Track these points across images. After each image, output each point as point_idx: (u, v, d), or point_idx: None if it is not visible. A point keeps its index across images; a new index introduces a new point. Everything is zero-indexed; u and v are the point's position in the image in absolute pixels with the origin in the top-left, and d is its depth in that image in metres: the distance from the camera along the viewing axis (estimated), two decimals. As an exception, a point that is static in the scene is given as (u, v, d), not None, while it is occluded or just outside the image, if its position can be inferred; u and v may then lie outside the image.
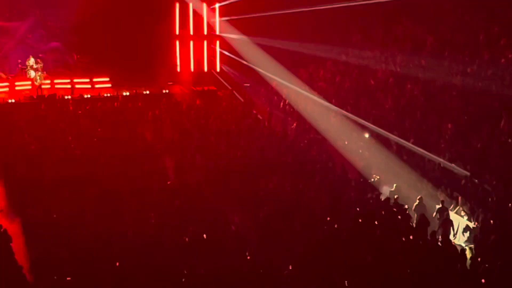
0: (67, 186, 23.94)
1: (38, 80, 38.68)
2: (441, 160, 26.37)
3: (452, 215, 24.16)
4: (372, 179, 26.72)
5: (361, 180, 26.43)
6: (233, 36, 41.13)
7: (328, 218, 22.13)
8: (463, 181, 24.94)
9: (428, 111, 29.97)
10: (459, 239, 23.75)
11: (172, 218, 21.84)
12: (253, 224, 22.33)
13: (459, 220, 24.12)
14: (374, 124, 30.35)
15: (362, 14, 37.95)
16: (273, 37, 38.47)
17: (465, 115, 28.67)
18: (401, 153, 28.00)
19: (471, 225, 23.65)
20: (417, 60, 33.48)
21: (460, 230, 23.88)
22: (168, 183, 25.01)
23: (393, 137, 28.99)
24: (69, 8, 39.92)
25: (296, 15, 38.06)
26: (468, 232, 23.53)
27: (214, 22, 42.00)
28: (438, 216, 24.03)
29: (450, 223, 23.75)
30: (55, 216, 21.78)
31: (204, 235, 20.57)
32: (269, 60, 38.41)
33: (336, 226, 21.70)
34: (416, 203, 24.64)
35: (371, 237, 20.94)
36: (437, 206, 24.41)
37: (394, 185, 25.99)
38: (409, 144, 27.96)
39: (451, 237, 23.43)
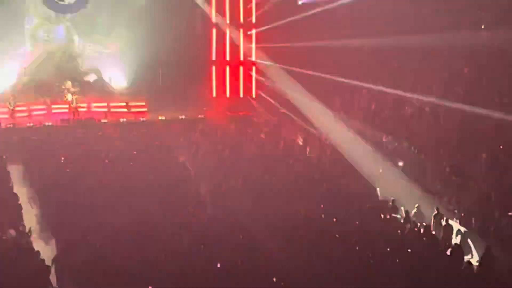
0: (102, 210, 24.05)
1: (75, 103, 39.03)
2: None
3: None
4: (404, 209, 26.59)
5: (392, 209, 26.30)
6: (269, 62, 41.26)
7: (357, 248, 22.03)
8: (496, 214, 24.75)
9: (463, 140, 29.78)
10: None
11: (205, 243, 21.82)
12: (286, 250, 22.23)
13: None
14: (408, 152, 30.24)
15: (400, 43, 37.88)
16: (308, 65, 38.49)
17: (500, 144, 28.45)
18: (435, 181, 27.88)
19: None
20: (453, 89, 33.32)
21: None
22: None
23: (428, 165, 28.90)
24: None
25: (335, 44, 38.07)
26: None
27: (251, 48, 42.19)
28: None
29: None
30: (89, 239, 21.87)
31: (239, 261, 20.54)
32: (304, 87, 38.43)
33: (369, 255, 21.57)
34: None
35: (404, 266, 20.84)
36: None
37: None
38: (443, 172, 27.85)
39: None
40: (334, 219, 24.39)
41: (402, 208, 26.72)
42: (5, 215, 23.66)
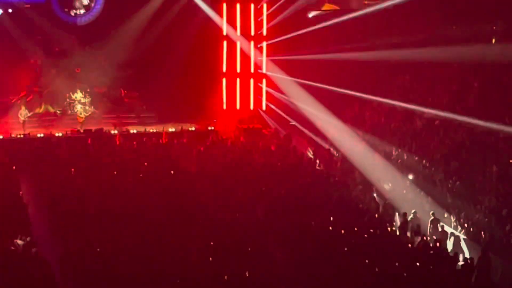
0: (111, 221, 24.09)
1: (83, 114, 39.21)
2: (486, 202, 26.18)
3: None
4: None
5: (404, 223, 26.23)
6: (280, 75, 41.31)
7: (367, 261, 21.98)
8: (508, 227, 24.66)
9: (473, 153, 29.69)
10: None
11: (214, 254, 21.82)
12: (295, 262, 22.21)
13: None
14: (418, 165, 30.19)
15: (410, 56, 37.83)
16: (319, 77, 38.52)
17: (510, 158, 28.35)
18: (446, 194, 27.81)
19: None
20: (463, 102, 33.27)
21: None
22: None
23: (438, 178, 28.83)
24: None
25: (344, 56, 38.07)
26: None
27: (261, 61, 42.26)
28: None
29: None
30: (98, 250, 21.90)
31: (247, 273, 20.52)
32: (315, 100, 38.43)
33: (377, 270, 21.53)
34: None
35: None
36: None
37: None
38: (454, 186, 27.78)
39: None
40: (342, 231, 24.36)
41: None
42: (14, 224, 23.72)
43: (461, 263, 22.83)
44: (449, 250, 24.02)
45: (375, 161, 32.26)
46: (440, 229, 25.32)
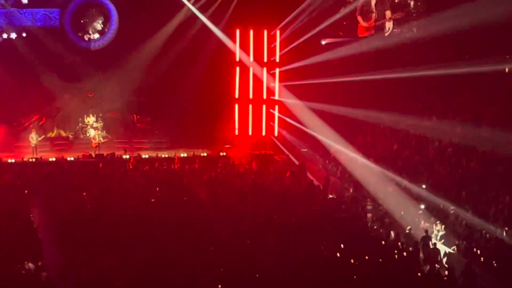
0: (122, 246, 24.03)
1: (97, 139, 39.31)
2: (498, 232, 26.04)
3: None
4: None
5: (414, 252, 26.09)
6: (292, 101, 41.32)
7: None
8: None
9: (486, 182, 29.56)
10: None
11: (224, 281, 21.71)
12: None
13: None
14: (431, 194, 30.07)
15: (423, 83, 37.78)
16: (332, 104, 38.50)
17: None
18: (457, 224, 27.66)
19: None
20: (476, 131, 33.15)
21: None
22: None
23: (450, 207, 28.70)
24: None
25: (357, 83, 38.03)
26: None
27: (274, 87, 42.32)
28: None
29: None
30: (109, 275, 21.82)
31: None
32: (327, 126, 38.40)
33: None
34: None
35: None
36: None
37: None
38: (466, 215, 27.64)
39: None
40: (352, 260, 24.23)
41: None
42: (24, 248, 23.68)
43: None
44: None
45: (387, 189, 32.13)
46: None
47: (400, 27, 37.01)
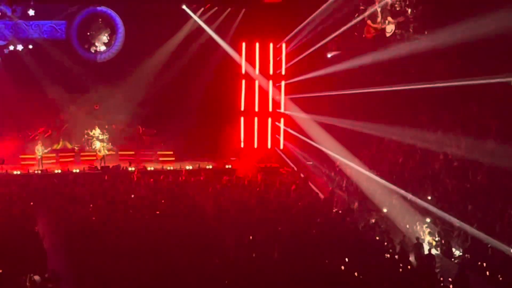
0: (127, 258, 24.00)
1: (102, 151, 39.37)
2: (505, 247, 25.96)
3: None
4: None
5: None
6: (298, 114, 41.33)
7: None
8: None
9: (492, 196, 29.48)
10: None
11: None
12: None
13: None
14: (436, 208, 30.03)
15: (428, 96, 37.77)
16: (338, 117, 38.50)
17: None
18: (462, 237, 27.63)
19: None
20: (482, 144, 33.10)
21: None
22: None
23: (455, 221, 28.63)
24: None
25: (362, 96, 38.03)
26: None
27: (279, 100, 42.36)
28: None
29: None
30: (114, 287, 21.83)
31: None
32: (332, 139, 38.39)
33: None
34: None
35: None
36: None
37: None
38: (472, 229, 27.56)
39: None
40: (356, 273, 24.19)
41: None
42: (30, 260, 23.68)
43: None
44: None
45: (392, 202, 32.09)
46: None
47: (401, 30, 37.39)
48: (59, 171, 37.97)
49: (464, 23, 31.34)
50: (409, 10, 36.87)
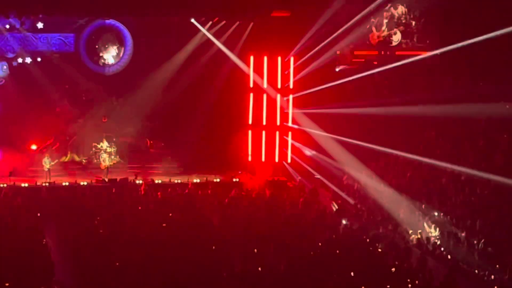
0: (134, 271, 23.99)
1: (107, 162, 39.48)
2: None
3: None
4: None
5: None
6: (306, 128, 41.34)
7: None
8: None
9: (500, 211, 29.40)
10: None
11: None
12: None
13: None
14: (444, 221, 29.98)
15: (436, 111, 37.78)
16: (346, 131, 38.51)
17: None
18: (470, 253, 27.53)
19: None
20: (489, 158, 33.07)
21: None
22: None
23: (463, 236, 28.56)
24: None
25: (369, 111, 38.04)
26: None
27: (287, 113, 42.37)
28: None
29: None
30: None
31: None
32: (341, 153, 38.37)
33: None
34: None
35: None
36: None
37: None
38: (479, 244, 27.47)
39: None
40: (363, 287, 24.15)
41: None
42: (37, 273, 23.69)
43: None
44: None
45: (400, 215, 32.02)
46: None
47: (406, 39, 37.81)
48: (67, 183, 37.99)
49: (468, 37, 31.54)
50: (413, 23, 37.50)
